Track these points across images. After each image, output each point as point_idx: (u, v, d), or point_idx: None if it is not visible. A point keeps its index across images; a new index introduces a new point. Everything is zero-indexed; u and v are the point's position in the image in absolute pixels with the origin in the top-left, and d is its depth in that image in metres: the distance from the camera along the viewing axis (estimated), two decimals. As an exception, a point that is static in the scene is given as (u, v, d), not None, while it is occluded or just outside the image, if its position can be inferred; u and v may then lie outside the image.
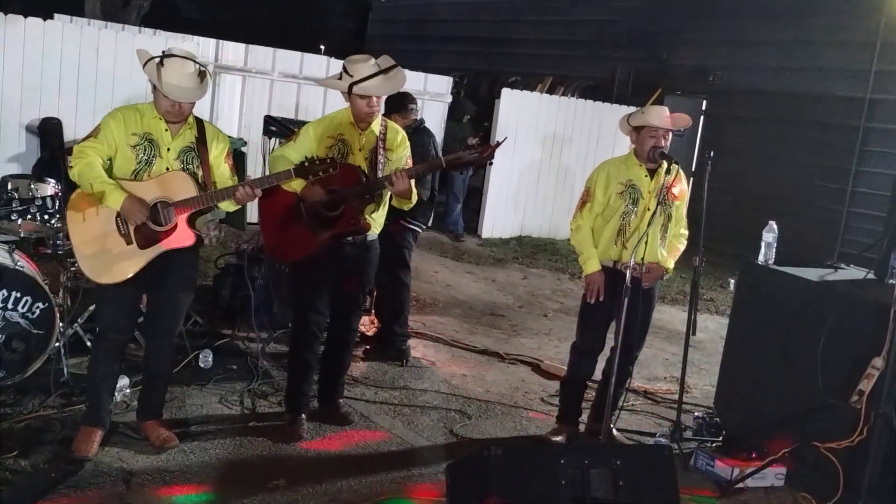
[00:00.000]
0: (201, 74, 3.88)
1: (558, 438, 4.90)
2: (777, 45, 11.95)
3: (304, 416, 4.62)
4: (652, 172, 4.68)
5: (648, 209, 4.61)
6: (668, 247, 4.75)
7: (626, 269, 4.43)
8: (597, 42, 14.87)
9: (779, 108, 11.78)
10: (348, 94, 4.32)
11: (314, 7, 24.36)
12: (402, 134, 4.60)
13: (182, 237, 3.89)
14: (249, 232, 8.80)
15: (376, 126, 4.45)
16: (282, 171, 4.08)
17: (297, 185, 4.27)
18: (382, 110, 4.59)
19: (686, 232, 4.86)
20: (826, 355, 4.35)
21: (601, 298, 4.63)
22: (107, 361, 4.10)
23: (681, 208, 4.80)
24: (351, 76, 4.27)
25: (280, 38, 13.29)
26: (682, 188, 4.77)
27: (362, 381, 5.44)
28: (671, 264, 4.76)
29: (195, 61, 3.85)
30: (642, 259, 4.52)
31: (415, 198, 4.51)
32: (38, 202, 3.89)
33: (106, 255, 3.89)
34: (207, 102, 9.41)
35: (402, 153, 4.52)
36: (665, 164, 4.62)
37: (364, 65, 4.29)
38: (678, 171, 4.61)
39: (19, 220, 4.18)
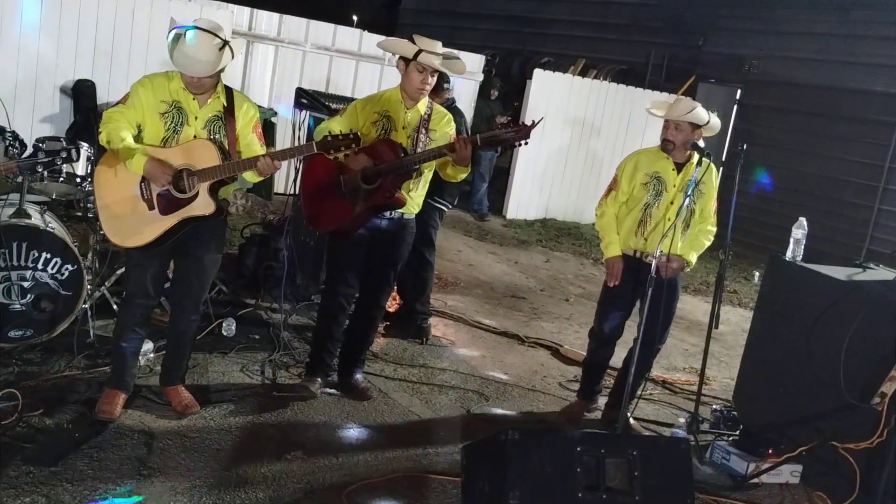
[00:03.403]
0: (223, 48, 3.83)
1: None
2: (815, 36, 11.76)
3: (319, 379, 4.72)
4: (680, 167, 4.67)
5: (672, 203, 4.63)
6: (692, 240, 4.73)
7: (647, 259, 4.51)
8: (632, 25, 14.70)
9: (813, 100, 11.61)
10: (411, 60, 4.36)
11: (347, -22, 24.22)
12: (448, 115, 4.66)
13: (203, 205, 3.91)
14: (276, 202, 8.87)
15: (422, 106, 4.52)
16: (304, 144, 4.09)
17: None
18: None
19: (714, 229, 4.83)
20: (849, 355, 4.32)
21: (617, 282, 4.71)
22: (132, 326, 4.15)
23: (709, 203, 4.76)
24: (417, 46, 4.35)
25: (312, 8, 13.21)
26: (710, 183, 4.73)
27: (382, 357, 5.47)
28: (693, 257, 4.74)
29: (218, 36, 3.80)
30: (660, 250, 4.51)
31: (469, 169, 4.55)
32: (64, 154, 3.91)
33: (128, 219, 3.93)
34: (239, 71, 9.42)
35: (447, 131, 4.56)
36: (696, 157, 4.60)
37: (433, 42, 4.40)
38: (709, 165, 4.57)
39: (45, 173, 4.09)
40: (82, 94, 8.24)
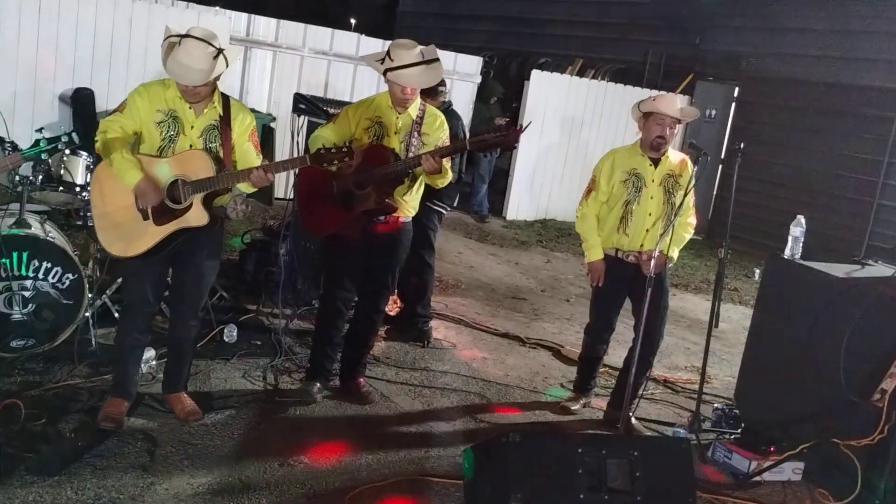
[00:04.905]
0: (217, 56, 3.82)
1: (576, 406, 5.16)
2: (813, 32, 11.75)
3: (319, 384, 4.74)
4: (656, 161, 4.76)
5: (652, 197, 4.72)
6: (672, 234, 4.76)
7: (629, 258, 4.75)
8: (629, 24, 14.69)
9: (812, 96, 11.60)
10: (384, 77, 4.37)
11: (345, -19, 24.26)
12: (442, 118, 4.65)
13: (197, 216, 3.91)
14: (276, 207, 8.88)
15: (413, 110, 4.51)
16: (297, 157, 4.10)
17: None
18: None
19: (694, 221, 4.91)
20: (849, 352, 4.32)
21: (599, 284, 4.85)
22: (133, 333, 4.17)
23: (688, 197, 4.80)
24: (391, 61, 4.31)
25: (311, 13, 13.23)
26: (688, 176, 4.80)
27: (383, 360, 5.48)
28: (675, 252, 4.78)
29: (211, 44, 3.80)
30: (641, 246, 4.74)
31: (448, 177, 4.54)
32: (65, 138, 3.93)
33: (122, 228, 3.95)
34: (237, 78, 9.43)
35: (439, 135, 4.56)
36: (670, 151, 4.80)
37: (406, 52, 4.32)
38: (682, 159, 4.82)
39: (47, 186, 4.17)
40: (81, 103, 8.25)
